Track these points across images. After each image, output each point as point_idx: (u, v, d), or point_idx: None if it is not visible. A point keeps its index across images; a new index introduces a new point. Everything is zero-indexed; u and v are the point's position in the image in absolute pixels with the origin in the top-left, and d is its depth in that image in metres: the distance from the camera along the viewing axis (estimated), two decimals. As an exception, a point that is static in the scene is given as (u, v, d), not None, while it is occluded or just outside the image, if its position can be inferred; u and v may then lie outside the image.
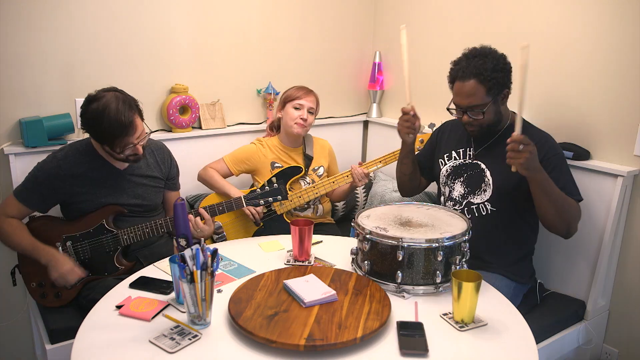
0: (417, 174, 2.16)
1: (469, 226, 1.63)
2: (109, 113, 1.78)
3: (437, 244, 1.53)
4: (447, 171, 2.06)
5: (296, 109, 2.38)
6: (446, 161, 2.07)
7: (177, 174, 2.19)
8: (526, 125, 1.98)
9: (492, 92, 1.84)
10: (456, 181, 2.02)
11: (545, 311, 2.07)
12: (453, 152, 2.05)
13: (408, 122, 1.95)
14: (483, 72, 1.81)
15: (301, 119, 2.36)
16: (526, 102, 1.76)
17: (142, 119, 1.90)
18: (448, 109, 1.93)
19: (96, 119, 1.80)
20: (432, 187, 2.36)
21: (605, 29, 2.07)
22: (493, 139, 1.96)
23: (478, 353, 1.30)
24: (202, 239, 1.63)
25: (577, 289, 2.20)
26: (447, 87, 2.72)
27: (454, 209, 1.99)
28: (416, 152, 2.30)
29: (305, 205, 2.45)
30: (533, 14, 2.29)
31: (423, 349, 1.28)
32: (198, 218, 1.96)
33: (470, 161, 2.00)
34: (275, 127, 2.53)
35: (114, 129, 1.80)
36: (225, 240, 2.29)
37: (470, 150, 2.01)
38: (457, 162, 2.03)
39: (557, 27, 2.21)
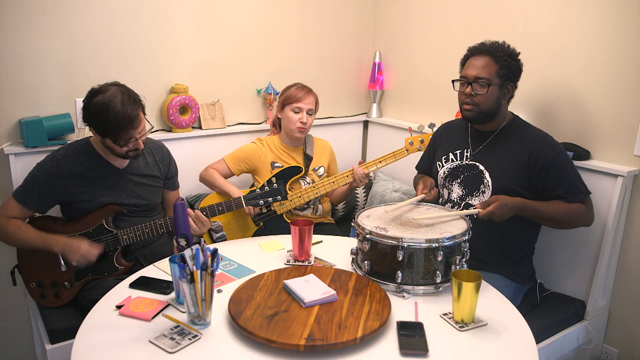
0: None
1: (468, 226, 1.63)
2: (115, 105, 1.79)
3: (437, 244, 1.52)
4: (444, 173, 2.05)
5: (295, 112, 2.37)
6: (444, 163, 2.07)
7: (175, 173, 2.19)
8: (522, 125, 1.98)
9: (501, 75, 1.86)
10: (454, 183, 2.02)
11: (545, 311, 2.07)
12: (450, 154, 2.05)
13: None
14: (499, 52, 1.86)
15: (301, 122, 2.36)
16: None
17: (144, 114, 1.90)
18: (453, 82, 1.95)
19: (102, 111, 1.80)
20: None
21: (606, 29, 2.07)
22: (490, 139, 1.96)
23: (478, 353, 1.30)
24: (202, 239, 1.63)
25: (577, 289, 2.20)
26: (446, 87, 2.73)
27: (454, 209, 1.99)
28: (417, 152, 2.31)
29: (305, 205, 2.45)
30: (533, 14, 2.29)
31: (423, 349, 1.28)
32: (198, 211, 1.96)
33: (468, 162, 2.00)
34: (277, 125, 2.52)
35: (120, 121, 1.80)
36: (225, 240, 2.29)
37: (467, 152, 2.01)
38: (455, 164, 2.03)
39: (557, 27, 2.21)
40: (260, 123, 2.82)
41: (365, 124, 3.23)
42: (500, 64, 1.86)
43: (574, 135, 2.20)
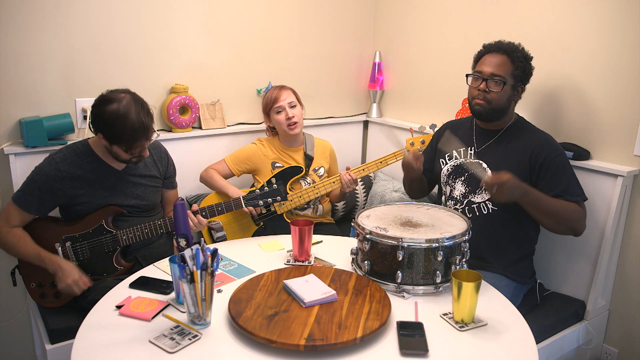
0: (425, 184, 2.18)
1: (469, 226, 1.63)
2: (131, 116, 1.80)
3: (437, 244, 1.52)
4: (447, 170, 2.06)
5: (278, 113, 2.38)
6: (447, 161, 2.07)
7: (174, 172, 2.19)
8: (526, 126, 1.99)
9: (515, 76, 1.88)
10: (457, 180, 2.02)
11: (545, 311, 2.07)
12: (454, 151, 2.05)
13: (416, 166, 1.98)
14: (516, 52, 1.88)
15: (288, 119, 2.36)
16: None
17: (153, 123, 1.91)
18: (467, 76, 1.95)
19: (117, 121, 1.80)
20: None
21: (606, 29, 2.07)
22: (494, 138, 1.97)
23: (478, 353, 1.30)
24: (202, 239, 1.63)
25: (577, 289, 2.20)
26: (447, 87, 2.74)
27: (455, 208, 1.99)
28: (419, 152, 2.30)
29: (305, 205, 2.45)
30: (533, 14, 2.29)
31: (423, 349, 1.28)
32: (199, 215, 1.96)
33: (471, 160, 2.00)
34: (272, 130, 2.52)
35: (137, 132, 1.81)
36: (226, 240, 2.29)
37: (471, 150, 2.01)
38: (458, 162, 2.03)
39: (557, 27, 2.21)
40: (260, 123, 2.82)
41: (365, 124, 3.23)
42: (516, 64, 1.87)
43: (574, 135, 2.20)
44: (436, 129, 2.25)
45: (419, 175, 2.04)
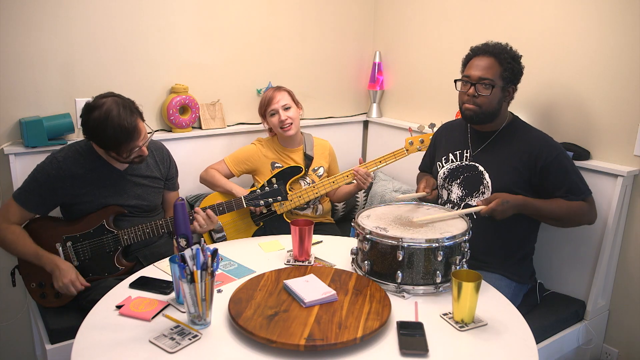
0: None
1: (469, 226, 1.63)
2: (112, 121, 1.78)
3: (437, 244, 1.52)
4: (444, 174, 2.05)
5: (272, 115, 2.38)
6: (443, 164, 2.06)
7: (176, 174, 2.19)
8: (521, 126, 1.98)
9: (504, 77, 1.86)
10: (453, 183, 2.02)
11: (545, 311, 2.07)
12: (450, 154, 2.05)
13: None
14: (504, 54, 1.86)
15: (281, 121, 2.36)
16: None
17: (143, 120, 1.90)
18: (455, 81, 1.94)
19: (99, 128, 1.79)
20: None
21: (606, 30, 2.07)
22: (490, 140, 1.96)
23: (478, 353, 1.30)
24: (202, 239, 1.63)
25: (577, 289, 2.20)
26: (446, 87, 2.74)
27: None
28: (416, 152, 2.30)
29: (305, 205, 2.45)
30: (534, 15, 2.29)
31: (423, 349, 1.28)
32: (209, 210, 1.97)
33: (467, 163, 2.00)
34: (272, 131, 2.52)
35: (119, 136, 1.80)
36: (225, 240, 2.29)
37: (467, 152, 2.01)
38: (455, 165, 2.03)
39: (557, 28, 2.21)
40: (260, 123, 2.82)
41: (365, 124, 3.23)
42: (504, 66, 1.85)
43: (574, 135, 2.20)
44: (435, 129, 2.25)
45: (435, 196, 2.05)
